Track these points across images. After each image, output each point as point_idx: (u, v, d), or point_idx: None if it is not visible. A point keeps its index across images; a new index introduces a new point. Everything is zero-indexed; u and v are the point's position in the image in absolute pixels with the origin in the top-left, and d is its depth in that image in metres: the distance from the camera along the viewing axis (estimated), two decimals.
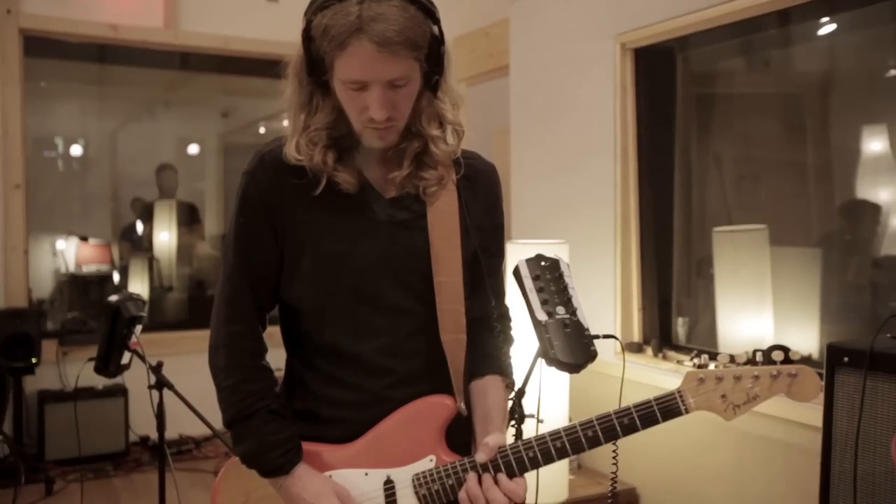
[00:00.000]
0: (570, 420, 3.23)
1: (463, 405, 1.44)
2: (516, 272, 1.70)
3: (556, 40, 3.77)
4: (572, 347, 2.00)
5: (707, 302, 3.51)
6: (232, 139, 7.33)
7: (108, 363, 2.77)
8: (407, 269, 1.45)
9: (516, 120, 4.11)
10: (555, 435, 1.36)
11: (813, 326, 3.19)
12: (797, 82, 3.60)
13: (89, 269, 6.70)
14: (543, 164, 3.85)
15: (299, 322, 1.50)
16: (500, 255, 1.61)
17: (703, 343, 3.29)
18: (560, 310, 2.05)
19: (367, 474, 1.44)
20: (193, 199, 6.94)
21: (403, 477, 1.42)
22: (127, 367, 2.84)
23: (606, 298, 3.43)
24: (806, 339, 3.12)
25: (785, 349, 1.26)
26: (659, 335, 3.31)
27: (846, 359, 1.94)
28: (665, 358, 3.18)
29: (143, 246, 6.61)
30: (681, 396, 1.30)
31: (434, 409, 1.43)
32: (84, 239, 6.74)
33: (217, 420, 5.77)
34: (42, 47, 4.83)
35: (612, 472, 1.88)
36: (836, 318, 3.20)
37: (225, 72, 5.99)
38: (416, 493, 1.41)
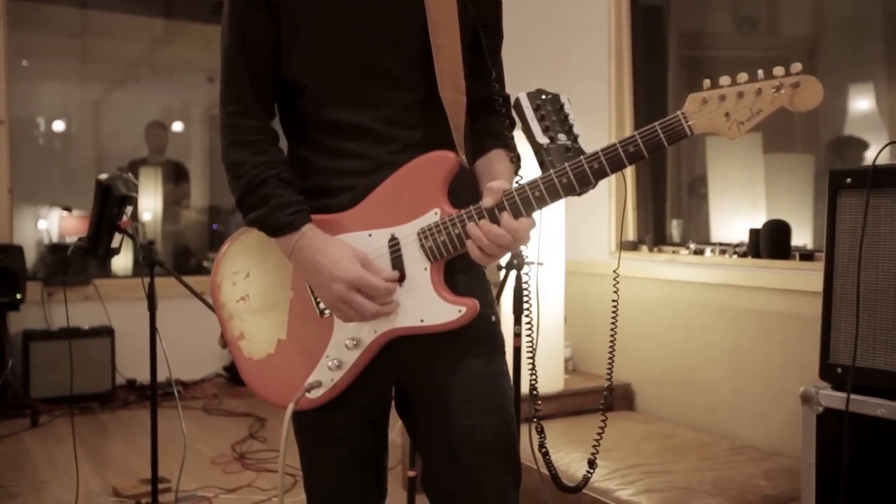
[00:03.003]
0: (566, 321, 3.22)
1: (464, 158, 1.41)
2: (517, 104, 1.69)
3: None
4: None
5: (701, 207, 3.51)
6: (217, 110, 7.26)
7: (97, 245, 2.72)
8: (404, 36, 1.42)
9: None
10: (560, 171, 1.33)
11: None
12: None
13: (72, 239, 6.63)
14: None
15: (298, 101, 1.47)
16: (498, 32, 1.58)
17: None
18: (562, 136, 2.03)
19: (370, 235, 1.41)
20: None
21: (408, 233, 1.39)
22: (117, 251, 2.79)
23: (601, 198, 3.42)
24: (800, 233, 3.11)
25: (786, 66, 1.23)
26: (653, 233, 3.30)
27: (849, 180, 1.94)
28: (660, 251, 3.17)
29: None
30: (684, 117, 1.27)
31: (435, 162, 1.39)
32: (68, 210, 6.67)
33: (205, 368, 5.69)
34: None
35: (610, 347, 1.86)
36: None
37: (212, 21, 5.95)
38: (422, 246, 1.37)
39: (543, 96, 2.09)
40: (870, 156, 3.23)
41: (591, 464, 1.86)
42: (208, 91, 7.17)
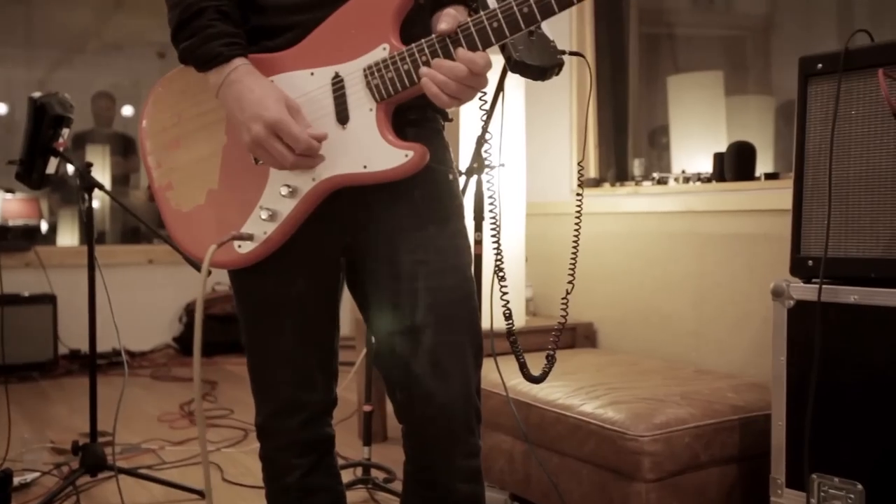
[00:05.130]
0: (527, 262, 3.11)
1: None
2: None
3: None
4: (539, 52, 1.89)
5: (664, 147, 3.45)
6: None
7: (31, 169, 2.54)
8: None
9: None
10: (521, 0, 1.22)
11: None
12: None
13: (16, 223, 6.37)
14: None
15: None
16: None
17: None
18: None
19: (312, 74, 1.28)
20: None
21: (353, 70, 1.26)
22: (53, 177, 2.61)
23: (561, 137, 3.33)
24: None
25: None
26: (615, 169, 3.22)
27: (819, 65, 1.86)
28: (623, 186, 3.09)
29: (73, 199, 6.30)
30: None
31: None
32: (10, 192, 6.41)
33: (155, 339, 5.44)
34: None
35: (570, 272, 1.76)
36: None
37: None
38: (368, 83, 1.25)
39: None
40: None
41: (549, 358, 1.75)
42: (159, 67, 6.97)
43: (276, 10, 1.32)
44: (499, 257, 1.72)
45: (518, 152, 2.92)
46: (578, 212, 1.84)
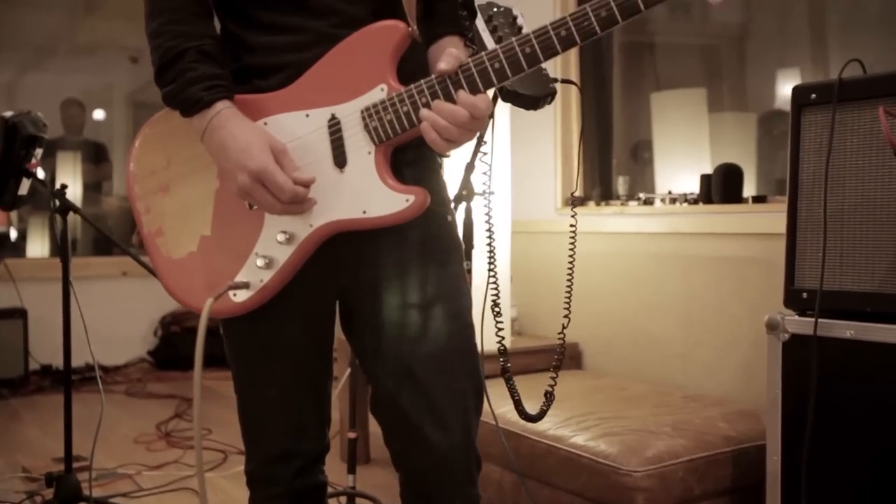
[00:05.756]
0: (512, 281, 3.08)
1: (416, 28, 1.25)
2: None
3: None
4: (531, 81, 1.86)
5: (647, 164, 3.44)
6: (142, 95, 6.92)
7: (3, 191, 2.47)
8: None
9: None
10: (523, 40, 1.18)
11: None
12: None
13: None
14: None
15: None
16: None
17: None
18: None
19: (308, 116, 1.24)
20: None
21: (350, 111, 1.22)
22: (25, 198, 2.53)
23: (546, 155, 3.31)
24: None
25: None
26: (599, 188, 3.20)
27: (813, 95, 1.85)
28: (608, 205, 3.07)
29: (43, 206, 6.15)
30: None
31: (383, 32, 1.22)
32: None
33: (129, 353, 5.34)
34: None
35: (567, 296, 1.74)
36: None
37: None
38: (366, 126, 1.21)
39: (495, 9, 1.96)
40: None
41: (548, 395, 1.72)
42: (131, 72, 6.85)
43: (267, 48, 1.27)
44: (496, 292, 1.68)
45: (503, 170, 2.89)
46: (572, 244, 1.82)
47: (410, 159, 1.29)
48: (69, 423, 2.48)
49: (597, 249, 3.01)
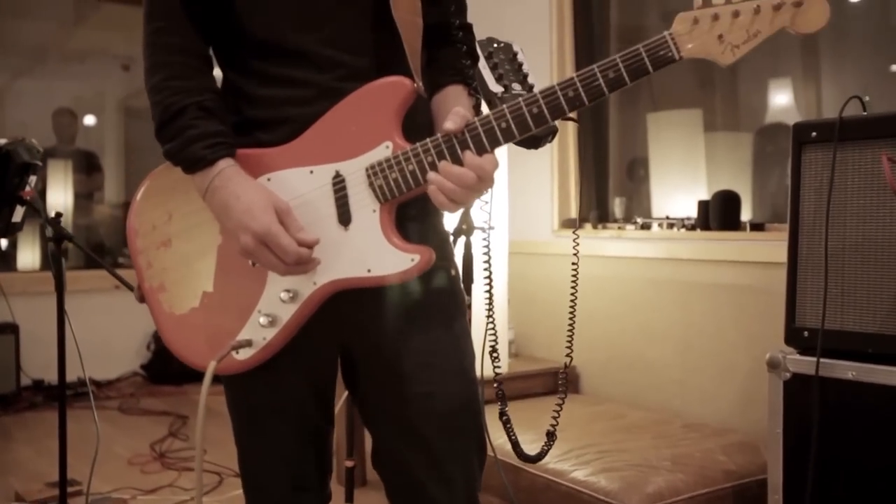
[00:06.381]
0: (509, 303, 3.07)
1: (421, 84, 1.24)
2: None
3: None
4: None
5: (643, 185, 3.43)
6: (133, 102, 6.89)
7: None
8: None
9: None
10: (530, 100, 1.17)
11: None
12: None
13: None
14: None
15: (229, 18, 1.27)
16: None
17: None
18: (516, 86, 1.89)
19: (312, 172, 1.23)
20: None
21: (355, 169, 1.21)
22: (19, 226, 2.51)
23: (542, 176, 3.30)
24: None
25: None
26: (596, 210, 3.20)
27: (814, 134, 1.85)
28: (605, 228, 3.06)
29: (33, 214, 6.09)
30: (672, 39, 1.12)
31: (388, 88, 1.22)
32: None
33: (121, 367, 5.28)
34: None
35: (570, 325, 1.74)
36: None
37: (127, 1, 5.62)
38: (371, 185, 1.20)
39: (495, 45, 1.95)
40: None
41: (550, 436, 1.72)
42: (123, 80, 6.80)
43: (270, 101, 1.26)
44: (493, 336, 1.67)
45: (500, 191, 2.88)
46: (574, 282, 1.81)
47: (414, 214, 1.28)
48: (64, 449, 2.46)
49: (594, 273, 3.00)
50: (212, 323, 1.24)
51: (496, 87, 1.85)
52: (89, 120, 6.86)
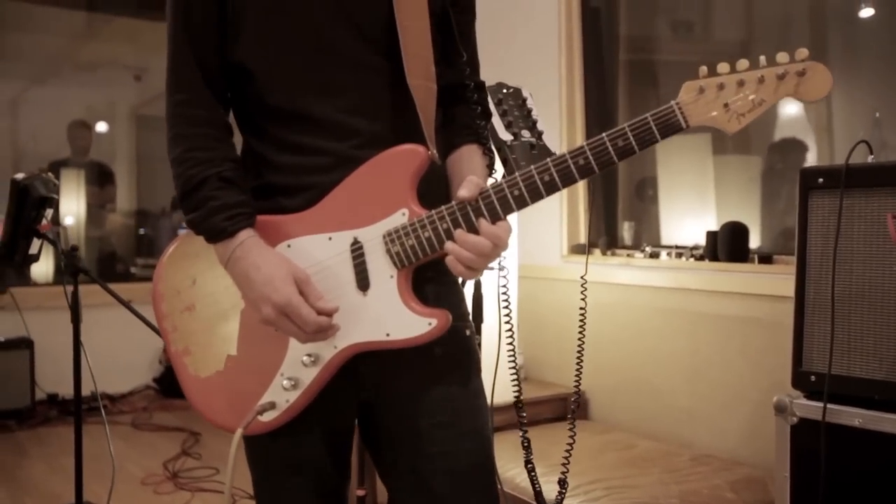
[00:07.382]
0: (518, 327, 3.10)
1: (435, 152, 1.27)
2: None
3: None
4: (541, 160, 1.88)
5: (652, 209, 3.45)
6: (145, 110, 6.94)
7: (13, 251, 2.49)
8: (365, 15, 1.28)
9: None
10: (542, 168, 1.21)
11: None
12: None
13: None
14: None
15: (249, 88, 1.31)
16: (470, 11, 1.44)
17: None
18: (525, 133, 1.93)
19: (330, 239, 1.26)
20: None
21: (373, 236, 1.24)
22: (36, 258, 2.56)
23: (551, 200, 3.33)
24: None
25: (790, 53, 1.13)
26: (605, 236, 3.22)
27: (821, 180, 1.87)
28: (614, 255, 3.09)
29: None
30: (679, 109, 1.15)
31: (403, 157, 1.25)
32: None
33: (133, 380, 5.34)
34: None
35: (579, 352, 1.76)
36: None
37: (138, 15, 5.67)
38: (388, 251, 1.23)
39: (505, 90, 1.98)
40: (811, 158, 3.23)
41: (562, 483, 1.74)
42: (135, 90, 6.85)
43: (290, 169, 1.29)
44: (517, 387, 1.68)
45: (510, 216, 2.91)
46: (582, 320, 1.84)
47: (431, 276, 1.31)
48: (80, 472, 2.50)
49: (602, 299, 3.03)
50: (236, 386, 1.28)
51: (506, 135, 1.88)
52: (101, 127, 6.92)
